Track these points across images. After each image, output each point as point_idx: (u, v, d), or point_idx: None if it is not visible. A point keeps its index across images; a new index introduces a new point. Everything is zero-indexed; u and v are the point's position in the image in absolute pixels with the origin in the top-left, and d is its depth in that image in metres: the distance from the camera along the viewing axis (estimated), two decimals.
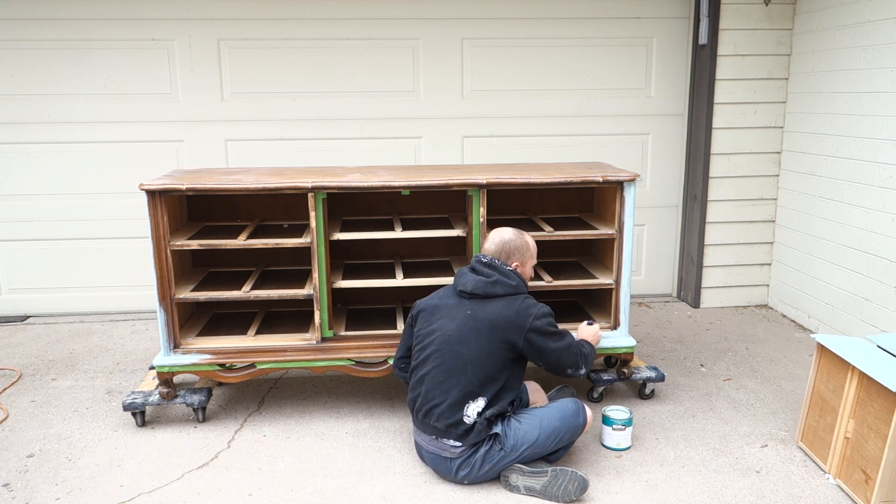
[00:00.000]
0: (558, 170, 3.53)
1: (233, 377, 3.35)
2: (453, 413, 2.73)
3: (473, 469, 2.77)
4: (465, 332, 2.77)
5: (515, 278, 2.87)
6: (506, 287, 2.83)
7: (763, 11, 4.61)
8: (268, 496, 2.78)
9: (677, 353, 4.20)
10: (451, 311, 2.85)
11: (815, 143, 4.47)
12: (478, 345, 2.75)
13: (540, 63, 4.81)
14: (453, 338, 2.78)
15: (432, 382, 2.78)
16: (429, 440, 2.82)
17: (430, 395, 2.78)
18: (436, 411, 2.76)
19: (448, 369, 2.76)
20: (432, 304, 2.92)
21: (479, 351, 2.74)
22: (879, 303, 3.95)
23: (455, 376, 2.74)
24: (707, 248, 4.95)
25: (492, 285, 2.82)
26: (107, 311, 4.95)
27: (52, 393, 3.71)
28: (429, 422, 2.78)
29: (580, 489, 2.71)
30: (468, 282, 2.85)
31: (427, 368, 2.81)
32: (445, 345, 2.78)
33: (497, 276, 2.84)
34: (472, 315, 2.79)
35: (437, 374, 2.77)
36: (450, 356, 2.76)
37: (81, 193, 4.75)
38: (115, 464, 3.01)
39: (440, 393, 2.75)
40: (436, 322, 2.85)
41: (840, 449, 2.81)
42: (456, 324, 2.80)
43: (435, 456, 2.82)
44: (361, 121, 4.79)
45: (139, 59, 4.60)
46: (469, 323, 2.78)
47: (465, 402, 2.73)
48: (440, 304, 2.90)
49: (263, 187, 3.20)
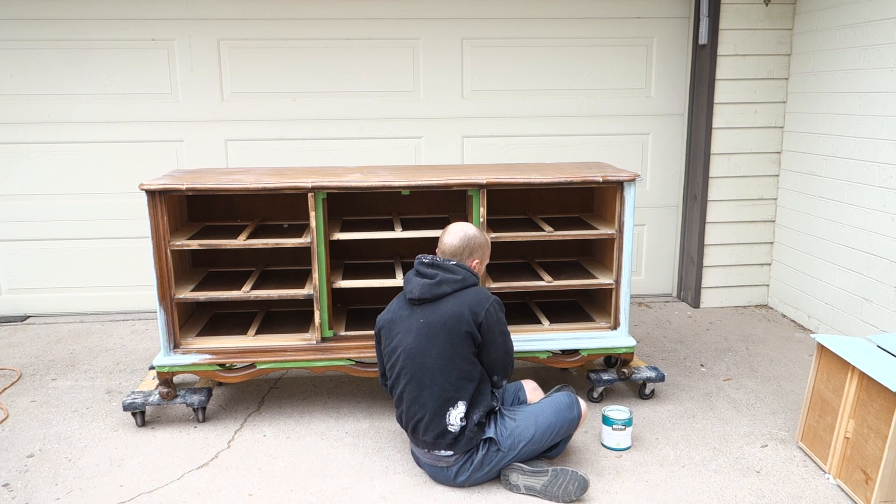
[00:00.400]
0: (558, 170, 3.53)
1: (233, 377, 3.35)
2: (437, 424, 2.71)
3: (472, 473, 2.76)
4: (423, 343, 2.73)
5: (461, 271, 2.79)
6: (452, 284, 2.77)
7: (763, 11, 4.61)
8: (268, 496, 2.78)
9: (677, 353, 4.20)
10: (406, 324, 2.79)
11: (815, 143, 4.47)
12: (440, 351, 2.71)
13: (540, 63, 4.81)
14: (414, 351, 2.74)
15: (409, 399, 2.77)
16: (423, 453, 2.82)
17: (412, 411, 2.77)
18: (420, 426, 2.75)
19: (419, 382, 2.73)
20: (389, 320, 2.87)
21: (442, 357, 2.71)
22: (879, 303, 3.95)
23: (427, 388, 2.72)
24: (707, 248, 4.95)
25: (437, 286, 2.75)
26: (107, 311, 4.95)
27: (52, 393, 3.71)
28: (418, 436, 2.78)
29: (580, 489, 2.71)
30: (414, 288, 2.78)
31: (402, 385, 2.79)
32: (409, 359, 2.75)
33: (441, 275, 2.77)
34: (426, 323, 2.74)
35: (412, 390, 2.76)
36: (417, 369, 2.73)
37: (81, 193, 4.75)
38: (115, 464, 3.01)
39: (419, 408, 2.74)
40: (395, 338, 2.81)
41: (840, 449, 2.81)
42: (413, 335, 2.75)
43: (432, 466, 2.82)
44: (361, 121, 4.79)
45: (139, 59, 4.60)
46: (424, 332, 2.73)
47: (445, 411, 2.70)
48: (395, 317, 2.84)
49: (263, 187, 3.20)
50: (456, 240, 2.86)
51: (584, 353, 3.47)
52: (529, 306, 3.79)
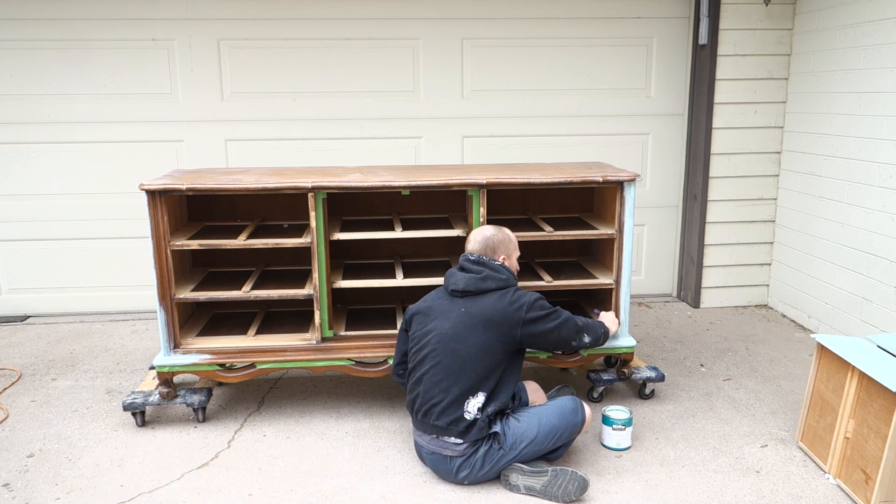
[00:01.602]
0: (558, 170, 3.53)
1: (233, 377, 3.35)
2: (454, 410, 2.73)
3: (474, 469, 2.77)
4: (461, 330, 2.78)
5: (505, 272, 2.89)
6: (497, 281, 2.85)
7: (763, 11, 4.61)
8: (268, 496, 2.78)
9: (677, 353, 4.20)
10: (445, 311, 2.86)
11: (815, 143, 4.47)
12: (475, 340, 2.76)
13: (540, 63, 4.81)
14: (449, 336, 2.79)
15: (431, 381, 2.79)
16: (429, 440, 2.82)
17: (430, 395, 2.78)
18: (436, 409, 2.76)
19: (446, 367, 2.76)
20: (426, 307, 2.93)
21: (476, 347, 2.75)
22: (879, 303, 3.95)
23: (454, 374, 2.75)
24: (707, 248, 4.95)
25: (482, 281, 2.84)
26: (107, 311, 4.95)
27: (52, 393, 3.71)
28: (429, 421, 2.78)
29: (580, 489, 2.71)
30: (459, 280, 2.87)
31: (425, 368, 2.81)
32: (442, 343, 2.79)
33: (487, 272, 2.86)
34: (467, 312, 2.81)
35: (436, 373, 2.78)
36: (447, 354, 2.77)
37: (81, 193, 4.75)
38: (115, 464, 3.01)
39: (440, 391, 2.76)
40: (431, 323, 2.86)
41: (840, 449, 2.81)
42: (451, 322, 2.81)
43: (436, 456, 2.82)
44: (361, 121, 4.79)
45: (139, 59, 4.60)
46: (464, 320, 2.80)
47: (466, 399, 2.73)
48: (433, 305, 2.92)
49: (263, 187, 3.20)
50: (476, 244, 2.95)
51: (584, 353, 3.47)
52: None
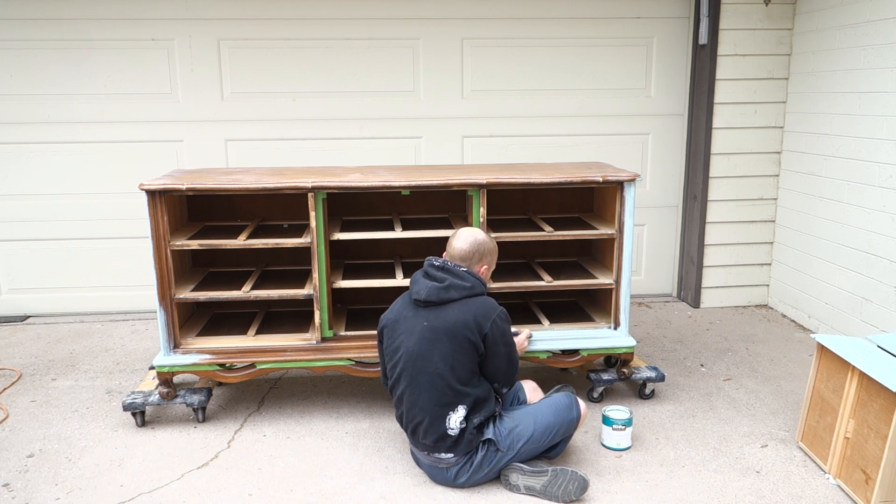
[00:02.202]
0: (558, 170, 3.53)
1: (233, 377, 3.35)
2: (437, 427, 2.70)
3: (472, 473, 2.76)
4: (426, 346, 2.71)
5: (470, 279, 2.78)
6: (460, 290, 2.75)
7: (763, 11, 4.61)
8: (268, 496, 2.78)
9: (677, 353, 4.20)
10: (409, 325, 2.77)
11: (815, 143, 4.47)
12: (441, 356, 2.69)
13: (540, 63, 4.81)
14: (416, 354, 2.72)
15: (409, 402, 2.76)
16: (423, 455, 2.82)
17: (411, 414, 2.76)
18: (420, 429, 2.74)
19: (418, 386, 2.72)
20: (392, 319, 2.85)
21: (443, 362, 2.68)
22: (879, 303, 3.95)
23: (426, 392, 2.70)
24: (707, 248, 4.95)
25: (445, 290, 2.74)
26: (107, 311, 4.95)
27: (52, 393, 3.71)
28: (418, 439, 2.78)
29: (580, 489, 2.71)
30: (421, 290, 2.76)
31: (402, 387, 2.78)
32: (410, 362, 2.73)
33: (450, 280, 2.75)
34: (430, 326, 2.72)
35: (411, 393, 2.75)
36: (416, 372, 2.72)
37: (81, 193, 4.75)
38: (115, 464, 3.01)
39: (419, 411, 2.73)
40: (398, 339, 2.79)
41: (840, 449, 2.81)
42: (415, 337, 2.73)
43: (432, 467, 2.82)
44: (361, 121, 4.79)
45: (139, 59, 4.60)
46: (427, 335, 2.71)
47: (445, 415, 2.69)
48: (398, 317, 2.83)
49: (263, 187, 3.20)
50: (466, 245, 2.83)
51: (584, 353, 3.47)
52: (529, 306, 3.79)
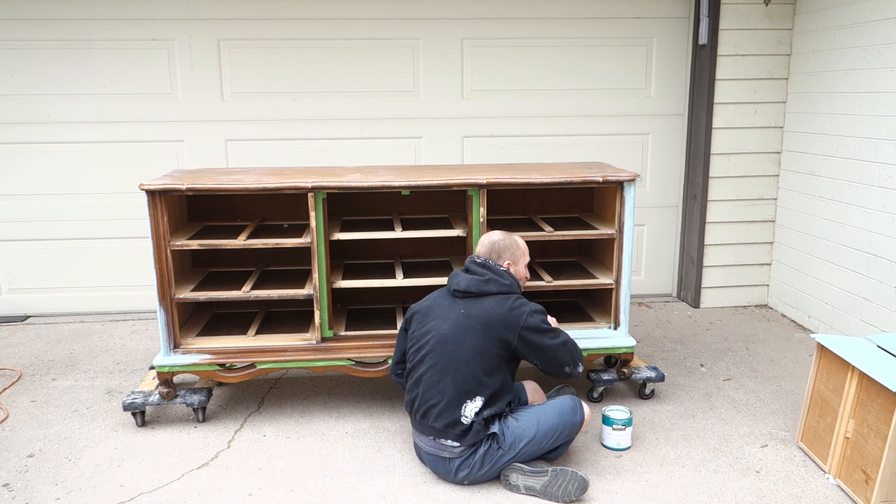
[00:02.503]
0: (558, 170, 3.53)
1: (233, 377, 3.35)
2: (451, 413, 2.72)
3: (473, 469, 2.77)
4: (460, 331, 2.78)
5: (509, 278, 2.90)
6: (499, 285, 2.86)
7: (763, 11, 4.61)
8: (268, 496, 2.78)
9: (677, 353, 4.20)
10: (444, 311, 2.86)
11: (815, 143, 4.47)
12: (473, 343, 2.76)
13: (540, 63, 4.81)
14: (448, 337, 2.79)
15: (429, 382, 2.78)
16: (427, 441, 2.82)
17: (428, 395, 2.78)
18: (433, 411, 2.75)
19: (444, 368, 2.76)
20: (426, 306, 2.94)
21: (473, 349, 2.75)
22: (879, 303, 3.95)
23: (451, 375, 2.74)
24: (707, 248, 4.95)
25: (485, 283, 2.85)
26: (107, 311, 4.95)
27: (52, 393, 3.71)
28: (427, 422, 2.78)
29: (580, 489, 2.71)
30: (461, 281, 2.88)
31: (423, 369, 2.81)
32: (440, 344, 2.79)
33: (491, 275, 2.87)
34: (466, 314, 2.81)
35: (434, 374, 2.77)
36: (445, 355, 2.77)
37: (81, 193, 4.75)
38: (115, 464, 3.01)
39: (437, 392, 2.75)
40: (430, 323, 2.87)
41: (840, 449, 2.81)
42: (450, 323, 2.81)
43: (434, 457, 2.82)
44: (361, 121, 4.79)
45: (139, 59, 4.60)
46: (463, 321, 2.79)
47: (463, 402, 2.73)
48: (434, 304, 2.92)
49: (263, 187, 3.20)
50: (483, 247, 2.98)
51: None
52: None
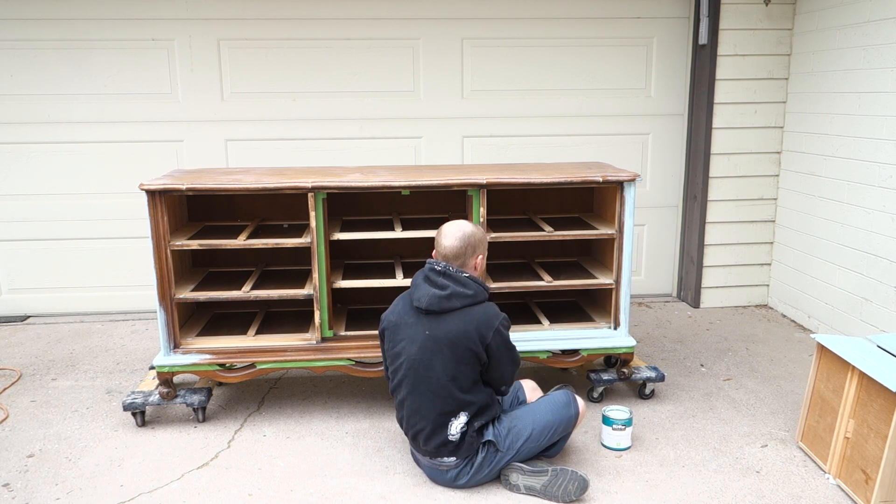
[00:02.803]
0: (558, 170, 3.53)
1: (233, 377, 3.35)
2: (438, 435, 2.70)
3: (472, 475, 2.76)
4: (427, 356, 2.68)
5: (472, 286, 2.72)
6: (462, 299, 2.69)
7: (763, 11, 4.61)
8: (268, 496, 2.78)
9: (677, 353, 4.20)
10: (411, 332, 2.73)
11: (815, 143, 4.47)
12: (443, 366, 2.67)
13: (540, 63, 4.81)
14: (418, 362, 2.70)
15: (410, 409, 2.75)
16: (423, 458, 2.82)
17: (412, 421, 2.76)
18: (421, 435, 2.74)
19: (421, 395, 2.71)
20: (393, 323, 2.79)
21: (445, 373, 2.67)
22: (879, 303, 3.95)
23: (429, 401, 2.69)
24: (707, 248, 4.95)
25: (447, 300, 2.67)
26: (107, 311, 4.95)
27: (52, 393, 3.71)
28: (419, 445, 2.78)
29: (580, 489, 2.71)
30: (422, 297, 2.70)
31: (403, 393, 2.77)
32: (412, 370, 2.71)
33: (452, 288, 2.68)
34: (431, 335, 2.68)
35: (413, 401, 2.74)
36: (419, 381, 2.71)
37: (81, 193, 4.74)
38: (115, 464, 3.01)
39: (420, 418, 2.72)
40: (399, 344, 2.76)
41: (840, 449, 2.81)
42: (417, 346, 2.70)
43: (432, 469, 2.82)
44: (361, 121, 4.79)
45: (139, 59, 4.60)
46: (429, 345, 2.68)
47: (447, 423, 2.69)
48: (399, 322, 2.77)
49: (263, 187, 3.20)
50: (456, 241, 2.74)
51: (584, 353, 3.47)
52: (529, 306, 3.79)
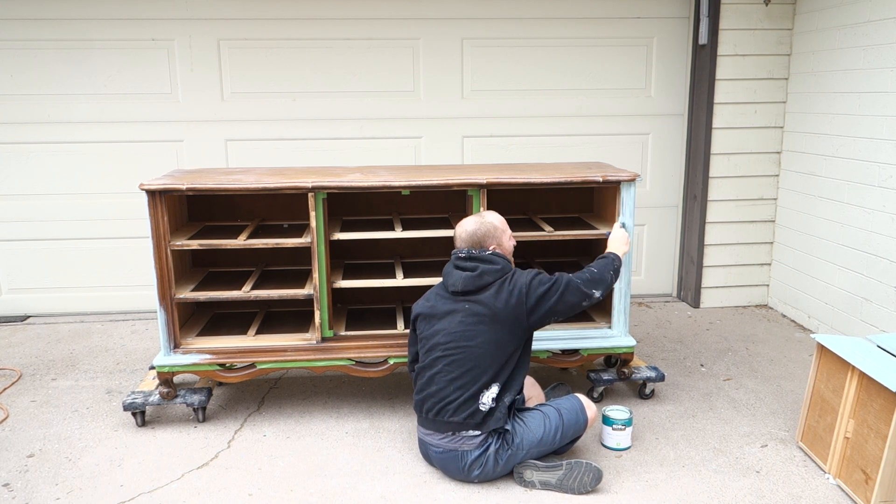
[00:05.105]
0: (558, 170, 3.53)
1: (233, 377, 3.35)
2: (469, 405, 2.73)
3: (486, 468, 2.77)
4: (468, 328, 2.77)
5: (499, 260, 2.86)
6: (493, 274, 2.82)
7: (763, 11, 4.61)
8: (268, 496, 2.78)
9: (677, 353, 4.20)
10: (448, 311, 2.84)
11: (815, 143, 4.47)
12: (484, 338, 2.75)
13: (540, 63, 4.81)
14: (458, 335, 2.78)
15: (444, 380, 2.77)
16: (442, 437, 2.80)
17: (444, 393, 2.77)
18: (451, 407, 2.75)
19: (459, 365, 2.75)
20: (429, 308, 2.91)
21: (486, 344, 2.75)
22: (879, 303, 3.95)
23: (467, 371, 2.74)
24: (707, 248, 4.95)
25: (479, 278, 2.81)
26: (107, 311, 4.95)
27: (52, 393, 3.71)
28: (443, 419, 2.77)
29: (595, 480, 2.73)
30: (457, 281, 2.83)
31: (437, 368, 2.80)
32: (452, 342, 2.78)
33: (481, 267, 2.82)
34: (471, 310, 2.79)
35: (448, 372, 2.77)
36: (458, 353, 2.76)
37: (81, 193, 4.75)
38: (115, 464, 3.01)
39: (454, 389, 2.75)
40: (437, 324, 2.85)
41: (840, 449, 2.81)
42: (457, 321, 2.80)
43: (446, 455, 2.80)
44: (361, 121, 4.79)
45: (139, 59, 4.60)
46: (469, 319, 2.78)
47: (480, 393, 2.74)
48: (436, 305, 2.89)
49: (263, 187, 3.20)
50: (473, 224, 2.90)
51: (584, 353, 3.47)
52: None
